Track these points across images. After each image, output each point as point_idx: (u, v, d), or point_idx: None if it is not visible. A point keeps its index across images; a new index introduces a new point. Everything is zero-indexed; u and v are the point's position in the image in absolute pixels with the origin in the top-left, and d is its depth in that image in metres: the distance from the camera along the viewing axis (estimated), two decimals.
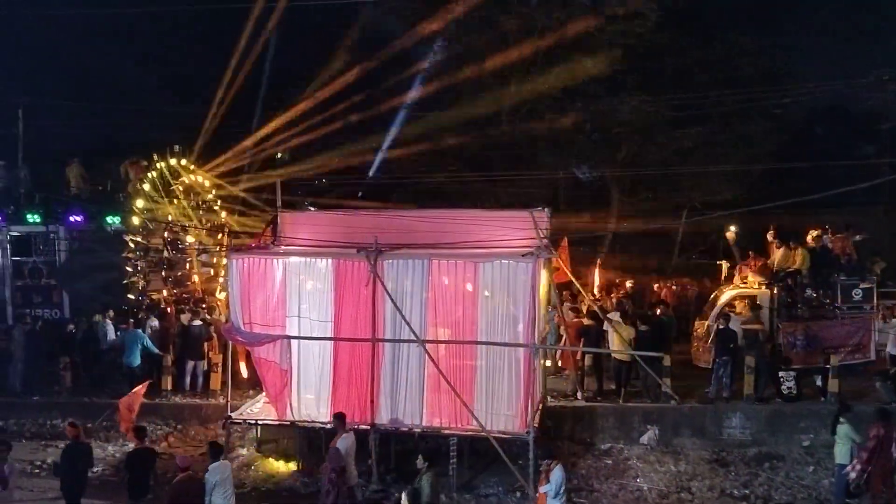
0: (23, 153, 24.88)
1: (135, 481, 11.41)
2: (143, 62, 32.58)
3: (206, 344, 18.01)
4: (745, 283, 18.94)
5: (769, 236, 19.58)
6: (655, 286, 21.81)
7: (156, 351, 17.64)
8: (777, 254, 18.91)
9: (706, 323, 18.34)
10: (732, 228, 20.75)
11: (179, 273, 20.80)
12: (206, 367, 18.10)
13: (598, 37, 23.40)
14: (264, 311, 14.23)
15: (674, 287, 21.78)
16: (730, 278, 19.90)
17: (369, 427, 13.64)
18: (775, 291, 17.99)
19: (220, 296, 20.03)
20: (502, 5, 23.37)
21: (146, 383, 15.09)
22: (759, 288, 18.34)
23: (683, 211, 25.46)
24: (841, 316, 17.47)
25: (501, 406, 13.51)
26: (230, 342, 14.89)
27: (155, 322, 18.38)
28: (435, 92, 25.20)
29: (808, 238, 18.83)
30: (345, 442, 11.85)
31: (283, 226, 15.93)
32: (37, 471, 14.14)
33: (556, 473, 10.58)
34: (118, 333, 18.08)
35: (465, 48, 24.26)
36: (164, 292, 20.34)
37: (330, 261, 14.01)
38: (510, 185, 23.77)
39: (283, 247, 15.48)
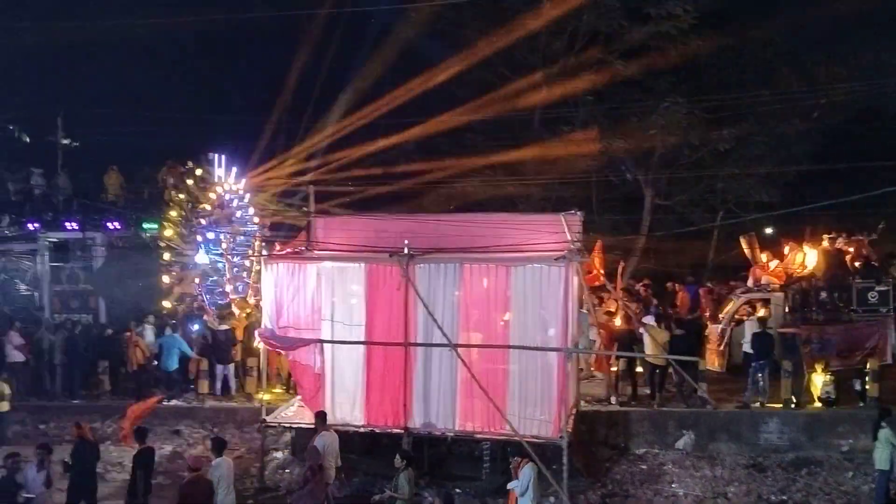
0: (62, 161, 25.42)
1: (139, 481, 11.70)
2: (186, 71, 33.19)
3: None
4: (759, 286, 18.73)
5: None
6: (669, 285, 21.60)
7: (192, 355, 17.88)
8: (791, 256, 18.69)
9: (720, 327, 18.11)
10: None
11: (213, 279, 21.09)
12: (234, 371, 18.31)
13: (630, 39, 23.29)
14: (298, 315, 14.37)
15: (711, 290, 21.50)
16: (743, 281, 19.69)
17: (403, 431, 13.69)
18: (789, 294, 17.76)
19: (251, 300, 20.32)
20: (533, 7, 23.32)
21: (158, 398, 15.38)
22: (773, 291, 18.14)
23: (719, 213, 25.20)
24: (856, 319, 17.18)
25: (534, 411, 13.44)
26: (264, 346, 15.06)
27: (194, 327, 18.65)
28: (465, 95, 25.27)
29: (823, 241, 18.60)
30: (322, 440, 12.14)
31: (316, 231, 16.05)
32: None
33: (525, 472, 11.04)
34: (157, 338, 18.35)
35: (493, 49, 24.22)
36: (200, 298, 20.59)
37: (363, 265, 14.09)
38: (542, 188, 23.67)
39: (316, 251, 15.59)
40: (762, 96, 22.71)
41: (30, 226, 21.35)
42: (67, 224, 21.62)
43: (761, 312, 17.41)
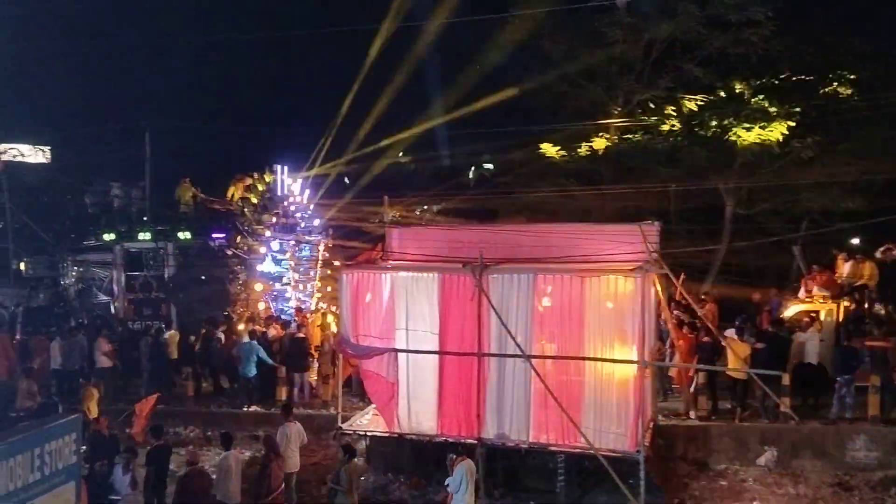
0: (150, 173, 26.42)
1: (155, 476, 12.18)
2: (257, 82, 34.12)
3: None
4: (810, 297, 18.12)
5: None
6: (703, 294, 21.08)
7: (270, 362, 18.28)
8: (844, 267, 18.08)
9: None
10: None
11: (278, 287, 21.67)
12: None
13: (709, 46, 22.89)
14: (373, 324, 14.54)
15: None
16: (794, 292, 19.11)
17: (476, 441, 13.68)
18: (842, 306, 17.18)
19: (318, 307, 20.80)
20: (608, 15, 23.15)
21: (157, 395, 15.79)
22: (824, 302, 17.54)
23: (803, 222, 24.45)
24: None
25: (610, 424, 13.25)
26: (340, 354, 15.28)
27: (272, 333, 19.07)
28: (540, 105, 25.27)
29: (878, 251, 17.88)
30: (284, 430, 13.01)
31: (390, 241, 16.22)
32: None
33: (458, 469, 11.33)
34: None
35: (567, 58, 24.14)
36: (262, 306, 21.14)
37: (436, 275, 14.17)
38: (618, 198, 23.40)
39: (390, 261, 15.75)
40: (848, 102, 21.97)
41: (106, 237, 22.19)
42: (141, 235, 22.40)
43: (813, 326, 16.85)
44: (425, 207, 27.05)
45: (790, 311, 18.03)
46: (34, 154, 32.72)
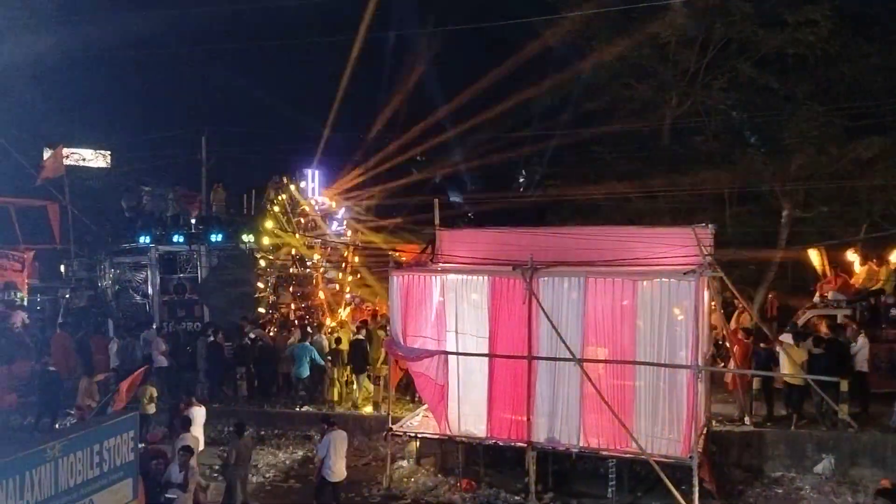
0: (207, 179, 26.98)
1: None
2: (292, 87, 34.72)
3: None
4: (825, 302, 17.74)
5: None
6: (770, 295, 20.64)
7: (322, 363, 18.50)
8: (860, 272, 17.60)
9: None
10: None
11: (307, 288, 22.00)
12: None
13: (765, 46, 22.48)
14: (423, 326, 14.61)
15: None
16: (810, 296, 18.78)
17: (526, 445, 13.64)
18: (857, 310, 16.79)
19: (343, 312, 21.02)
20: (662, 16, 22.88)
21: (143, 369, 16.00)
22: (839, 307, 17.11)
23: (863, 226, 23.80)
24: None
25: (663, 429, 13.13)
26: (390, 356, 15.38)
27: (319, 336, 19.32)
28: (591, 108, 25.09)
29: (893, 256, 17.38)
30: (328, 437, 13.11)
31: (440, 243, 16.26)
32: (215, 475, 15.09)
33: (326, 438, 12.83)
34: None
35: (619, 60, 23.93)
36: (292, 306, 21.44)
37: (486, 278, 14.17)
38: (671, 201, 23.09)
39: (440, 264, 15.81)
40: None
41: (141, 240, 22.73)
42: (175, 237, 22.89)
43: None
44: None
45: (804, 317, 17.73)
46: (95, 158, 33.74)
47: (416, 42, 25.87)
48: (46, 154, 25.15)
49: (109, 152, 34.05)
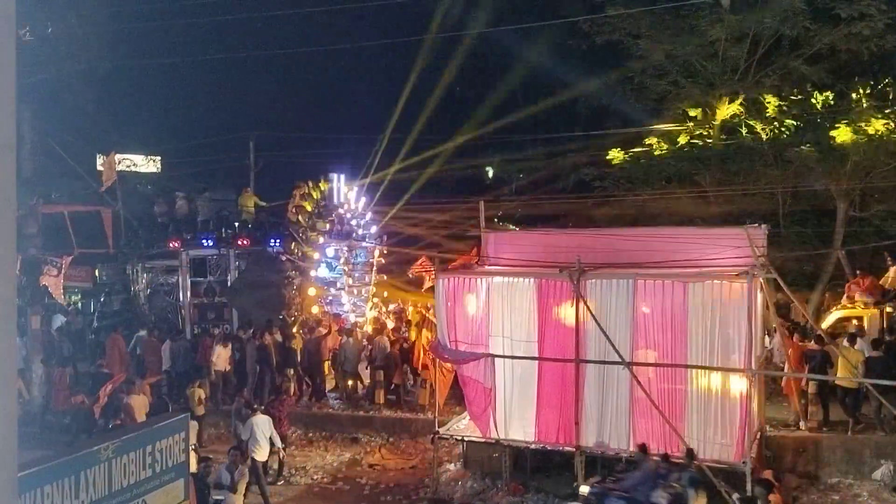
0: (254, 182, 27.28)
1: None
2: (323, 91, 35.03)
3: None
4: (853, 303, 17.20)
5: None
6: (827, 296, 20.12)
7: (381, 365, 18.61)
8: (890, 272, 17.08)
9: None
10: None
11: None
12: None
13: (818, 42, 21.94)
14: (469, 329, 14.51)
15: None
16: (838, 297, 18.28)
17: (574, 449, 13.47)
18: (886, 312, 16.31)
19: (370, 314, 20.96)
20: (710, 12, 22.47)
21: (118, 378, 16.24)
22: (867, 308, 16.56)
23: None
24: None
25: (715, 434, 12.86)
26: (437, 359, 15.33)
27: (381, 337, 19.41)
28: (639, 106, 24.78)
29: None
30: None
31: (486, 245, 16.14)
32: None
33: (248, 423, 13.61)
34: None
35: (668, 58, 23.57)
36: (316, 309, 21.52)
37: (532, 280, 14.04)
38: (722, 201, 22.65)
39: (486, 266, 15.71)
40: None
41: (172, 244, 23.08)
42: (204, 241, 23.19)
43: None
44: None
45: (831, 318, 17.34)
46: (146, 164, 34.37)
47: (466, 43, 25.81)
48: (99, 161, 25.65)
49: (159, 157, 34.66)
